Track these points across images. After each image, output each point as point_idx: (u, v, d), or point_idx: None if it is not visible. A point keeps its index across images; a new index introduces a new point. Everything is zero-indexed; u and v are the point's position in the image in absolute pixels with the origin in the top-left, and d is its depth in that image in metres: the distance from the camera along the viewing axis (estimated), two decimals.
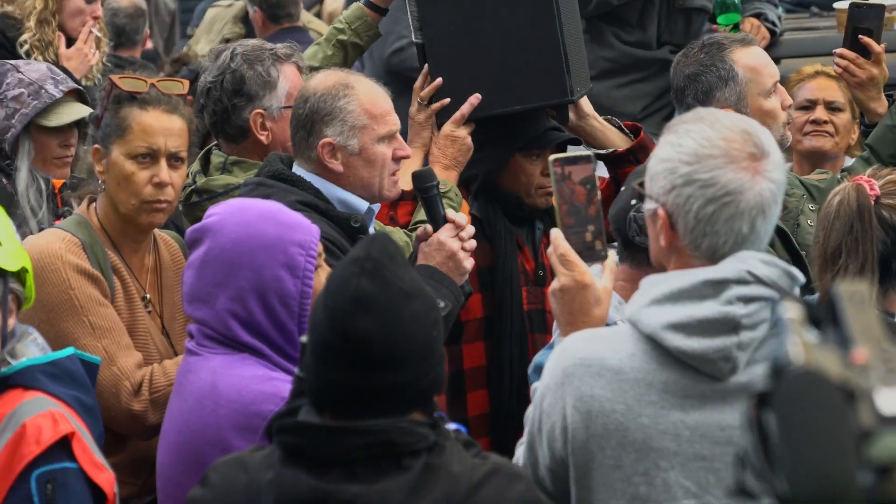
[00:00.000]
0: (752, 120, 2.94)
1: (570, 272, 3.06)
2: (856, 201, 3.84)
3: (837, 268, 3.81)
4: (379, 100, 4.16)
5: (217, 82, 4.52)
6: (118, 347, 3.85)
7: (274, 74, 4.54)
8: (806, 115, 5.44)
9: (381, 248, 2.74)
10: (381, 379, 2.70)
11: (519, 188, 4.71)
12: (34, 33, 6.20)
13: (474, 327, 4.68)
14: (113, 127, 4.00)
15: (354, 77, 4.21)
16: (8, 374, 3.24)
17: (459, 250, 4.11)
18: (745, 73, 4.67)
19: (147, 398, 3.83)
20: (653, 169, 2.87)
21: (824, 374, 1.80)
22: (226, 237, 3.44)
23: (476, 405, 4.69)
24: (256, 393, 3.36)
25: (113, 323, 3.88)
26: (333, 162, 4.10)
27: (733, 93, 4.68)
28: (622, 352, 2.87)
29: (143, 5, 8.61)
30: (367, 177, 4.13)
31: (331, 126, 4.10)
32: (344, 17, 4.95)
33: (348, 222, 4.03)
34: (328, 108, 4.10)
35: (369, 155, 4.11)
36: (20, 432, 3.18)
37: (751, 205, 2.79)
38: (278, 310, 3.43)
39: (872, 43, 5.02)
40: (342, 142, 4.10)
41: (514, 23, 4.67)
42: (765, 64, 4.72)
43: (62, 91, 4.66)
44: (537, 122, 4.74)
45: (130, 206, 3.98)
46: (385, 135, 4.13)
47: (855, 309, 1.90)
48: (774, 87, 4.69)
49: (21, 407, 3.21)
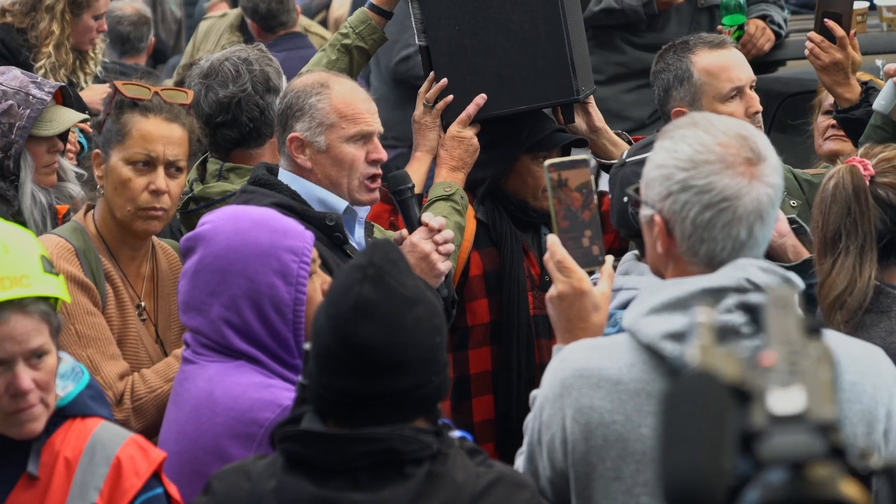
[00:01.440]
0: (749, 124, 2.92)
1: (567, 279, 3.03)
2: (851, 183, 3.86)
3: (838, 251, 3.84)
4: (354, 101, 4.18)
5: (246, 88, 4.55)
6: (103, 357, 3.85)
7: (279, 66, 4.69)
8: (829, 120, 5.38)
9: (384, 255, 2.74)
10: (384, 386, 2.69)
11: (525, 191, 4.71)
12: (51, 56, 6.24)
13: (480, 332, 4.68)
14: (113, 132, 4.00)
15: (336, 78, 4.25)
16: (63, 406, 3.22)
17: (433, 252, 4.13)
18: (699, 76, 4.68)
19: (129, 407, 3.84)
20: (648, 175, 2.84)
21: (713, 376, 1.81)
22: (219, 245, 3.44)
23: (482, 410, 4.68)
24: (253, 400, 3.35)
25: (100, 332, 3.88)
26: (301, 157, 4.14)
27: (687, 93, 4.70)
28: (621, 362, 2.84)
29: (146, 13, 8.61)
30: (334, 175, 4.15)
31: (300, 121, 4.15)
32: (349, 21, 4.95)
33: (323, 221, 4.05)
34: (300, 103, 4.16)
35: (336, 154, 4.14)
36: (116, 465, 3.18)
37: (748, 210, 2.76)
38: (272, 317, 3.42)
39: (836, 27, 5.04)
40: (309, 137, 4.14)
41: (518, 23, 4.67)
42: (725, 68, 4.70)
43: (49, 93, 4.58)
44: (543, 124, 4.74)
45: (126, 212, 3.98)
46: (354, 135, 4.15)
47: (776, 312, 1.92)
48: (736, 92, 4.67)
49: (97, 437, 3.20)
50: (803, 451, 1.71)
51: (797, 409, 1.73)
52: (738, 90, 4.68)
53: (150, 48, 8.61)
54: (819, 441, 1.71)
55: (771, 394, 1.76)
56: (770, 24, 6.23)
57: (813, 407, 1.74)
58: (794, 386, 1.76)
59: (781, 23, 6.28)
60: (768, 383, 1.77)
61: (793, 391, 1.76)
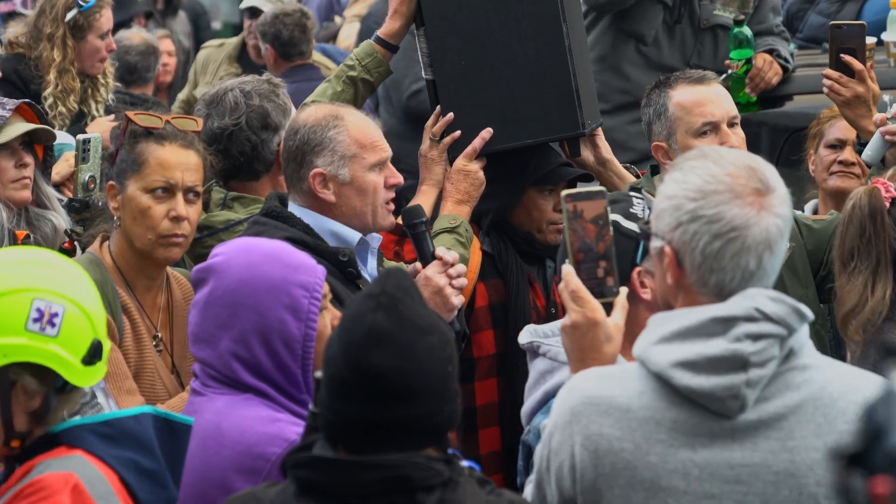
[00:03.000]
0: (756, 156, 2.93)
1: (581, 308, 3.04)
2: (867, 205, 3.98)
3: (851, 269, 3.99)
4: (368, 129, 4.19)
5: (240, 122, 4.53)
6: (119, 392, 3.83)
7: (287, 103, 4.64)
8: (834, 155, 5.40)
9: (397, 284, 2.74)
10: (395, 414, 2.70)
11: (531, 224, 4.72)
12: (56, 84, 6.25)
13: (487, 364, 4.67)
14: (129, 162, 4.00)
15: (344, 109, 4.25)
16: (56, 433, 3.08)
17: (447, 286, 4.13)
18: (674, 110, 4.73)
19: None
20: (658, 206, 2.86)
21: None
22: (230, 278, 3.42)
23: (488, 442, 4.67)
24: (260, 435, 3.33)
25: (117, 367, 3.86)
26: (325, 192, 4.12)
27: (664, 128, 4.75)
28: (630, 390, 2.85)
29: (154, 43, 8.64)
30: (359, 206, 4.15)
31: (321, 156, 4.13)
32: (354, 53, 4.97)
33: (336, 256, 4.04)
34: (318, 138, 4.14)
35: (361, 184, 4.14)
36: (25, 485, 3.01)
37: (757, 240, 2.78)
38: (281, 352, 3.40)
39: (854, 61, 5.05)
40: (333, 171, 4.13)
41: (524, 57, 4.69)
42: (699, 103, 4.72)
43: (10, 110, 4.61)
44: (549, 158, 4.76)
45: (146, 240, 3.97)
46: (375, 163, 4.16)
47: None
48: (708, 128, 4.69)
49: (49, 462, 3.04)
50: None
51: None
52: (711, 126, 4.69)
53: (157, 78, 8.64)
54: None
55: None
56: (777, 58, 6.24)
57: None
58: None
59: (788, 57, 6.30)
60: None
61: None
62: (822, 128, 5.47)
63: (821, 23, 7.45)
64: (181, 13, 10.99)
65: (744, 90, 6.19)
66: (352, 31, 9.60)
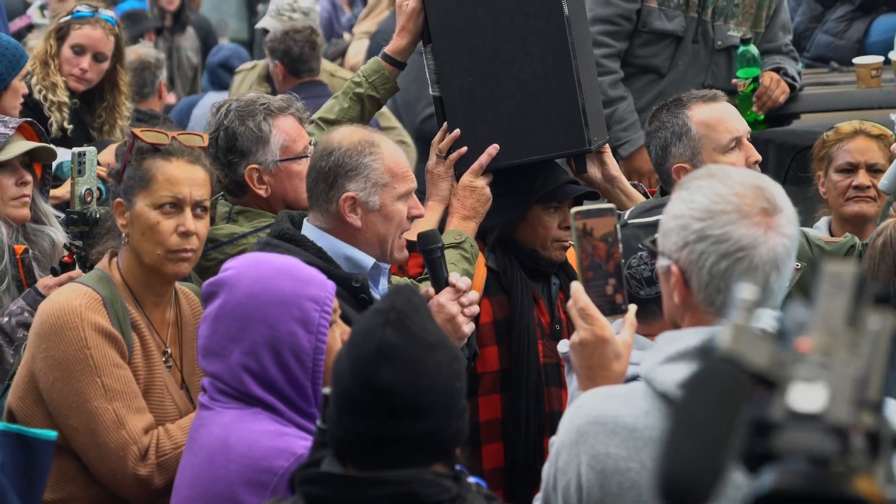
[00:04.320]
0: (764, 175, 2.93)
1: (589, 326, 3.03)
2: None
3: None
4: (401, 159, 4.21)
5: (213, 139, 4.54)
6: (128, 410, 3.82)
7: (266, 129, 4.58)
8: (848, 179, 5.37)
9: (406, 300, 2.75)
10: (404, 430, 2.70)
11: (535, 241, 4.72)
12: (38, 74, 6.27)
13: (490, 380, 4.67)
14: (136, 178, 4.00)
15: (378, 135, 4.27)
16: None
17: (458, 314, 4.13)
18: (698, 129, 4.68)
19: (153, 462, 3.80)
20: (665, 226, 2.86)
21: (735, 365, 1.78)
22: (241, 291, 3.42)
23: (491, 458, 4.67)
24: (267, 448, 3.33)
25: (126, 385, 3.85)
26: (353, 217, 4.12)
27: (687, 148, 4.70)
28: (637, 409, 2.84)
29: (149, 58, 8.63)
30: (383, 233, 4.15)
31: (354, 181, 4.12)
32: (362, 70, 4.97)
33: (349, 282, 4.03)
34: (353, 163, 4.13)
35: (389, 212, 4.15)
36: None
37: (764, 260, 2.77)
38: (292, 365, 3.40)
39: None
40: (364, 197, 4.12)
41: (530, 74, 4.69)
42: (722, 119, 4.70)
43: (13, 128, 4.64)
44: (556, 175, 4.75)
45: (155, 256, 3.97)
46: (404, 192, 4.17)
47: (828, 292, 1.82)
48: (734, 143, 4.67)
49: None
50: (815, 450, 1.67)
51: (815, 409, 1.69)
52: (736, 140, 4.68)
53: (159, 93, 8.63)
54: (832, 441, 1.67)
55: (794, 387, 1.71)
56: (784, 76, 6.25)
57: (832, 407, 1.69)
58: (818, 381, 1.71)
59: (795, 75, 6.30)
60: (795, 374, 1.73)
61: (816, 387, 1.71)
62: (830, 151, 5.44)
63: (828, 42, 7.46)
64: (189, 29, 11.00)
65: (751, 108, 6.19)
66: (360, 48, 9.62)
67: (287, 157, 4.58)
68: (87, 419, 3.80)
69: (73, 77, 6.36)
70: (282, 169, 4.57)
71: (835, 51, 7.35)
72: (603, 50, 6.10)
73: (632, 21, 6.16)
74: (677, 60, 6.19)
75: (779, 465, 1.69)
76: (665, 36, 6.18)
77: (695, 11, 6.16)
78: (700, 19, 6.17)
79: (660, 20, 6.15)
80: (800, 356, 1.75)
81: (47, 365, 3.82)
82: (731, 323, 1.84)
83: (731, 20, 6.25)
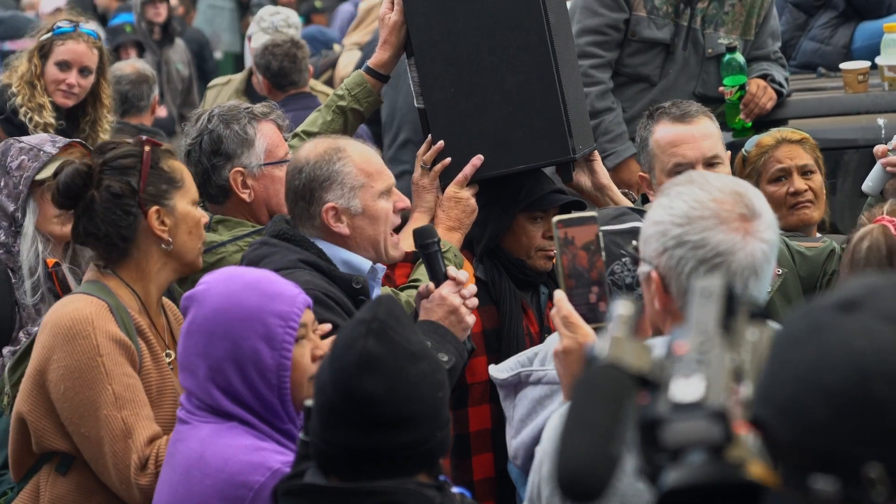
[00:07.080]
0: (745, 182, 2.93)
1: (573, 334, 3.04)
2: (885, 244, 3.91)
3: None
4: (372, 157, 4.20)
5: (196, 144, 4.57)
6: (137, 419, 3.81)
7: (251, 132, 4.61)
8: (784, 187, 5.21)
9: (388, 310, 2.75)
10: (387, 440, 2.70)
11: (520, 250, 4.72)
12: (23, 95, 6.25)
13: (480, 390, 4.67)
14: (168, 181, 3.98)
15: (342, 140, 4.26)
16: None
17: (461, 306, 4.12)
18: (653, 146, 4.74)
19: (153, 472, 3.78)
20: (645, 232, 2.86)
21: (617, 368, 1.94)
22: (208, 307, 3.40)
23: (481, 468, 4.67)
24: (243, 463, 3.30)
25: (135, 394, 3.84)
26: (339, 226, 4.12)
27: (646, 161, 4.78)
28: None
29: (146, 71, 8.62)
30: (373, 234, 4.15)
31: (331, 191, 4.12)
32: (345, 83, 4.98)
33: (349, 283, 4.04)
34: (325, 173, 4.12)
35: (372, 212, 4.14)
36: None
37: (742, 265, 2.77)
38: (256, 381, 3.36)
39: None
40: (344, 204, 4.12)
41: (513, 84, 4.70)
42: (673, 143, 4.70)
43: (59, 147, 4.67)
44: (541, 184, 4.75)
45: (197, 250, 4.02)
46: (384, 189, 4.17)
47: (700, 302, 2.02)
48: (681, 169, 4.55)
49: None
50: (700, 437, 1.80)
51: (694, 397, 1.82)
52: (683, 167, 4.60)
53: (153, 107, 8.64)
54: (716, 427, 1.80)
55: (674, 383, 1.85)
56: (771, 83, 6.24)
57: (710, 395, 1.82)
58: (696, 375, 1.85)
59: (783, 82, 6.30)
60: (674, 373, 1.86)
61: (694, 380, 1.84)
62: (756, 166, 5.20)
63: (814, 48, 7.45)
64: (178, 41, 10.99)
65: (739, 116, 6.19)
66: (351, 59, 9.61)
67: (271, 160, 4.59)
68: (97, 427, 3.79)
69: (60, 93, 6.34)
70: (265, 173, 4.58)
71: (822, 57, 7.35)
72: (591, 60, 6.10)
73: (620, 31, 6.16)
74: (668, 69, 6.19)
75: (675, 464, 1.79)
76: (655, 44, 6.18)
77: (684, 20, 6.17)
78: (689, 27, 6.17)
79: (649, 29, 6.15)
80: (677, 357, 1.89)
81: (59, 375, 3.81)
82: (610, 335, 2.01)
83: (721, 28, 6.25)
